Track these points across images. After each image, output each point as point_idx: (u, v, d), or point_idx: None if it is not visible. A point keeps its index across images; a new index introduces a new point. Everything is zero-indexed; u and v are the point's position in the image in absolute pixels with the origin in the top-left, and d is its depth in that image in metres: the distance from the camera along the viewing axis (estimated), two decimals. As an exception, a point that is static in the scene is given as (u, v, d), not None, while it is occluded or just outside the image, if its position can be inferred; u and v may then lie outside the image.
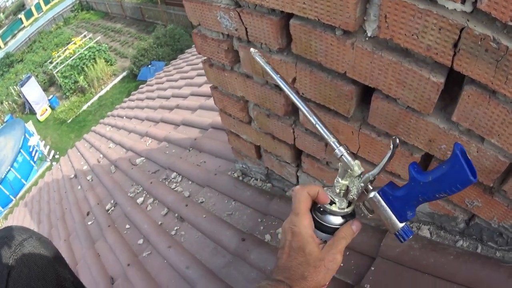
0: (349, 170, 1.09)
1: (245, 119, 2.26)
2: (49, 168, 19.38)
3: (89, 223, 4.54)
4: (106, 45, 28.89)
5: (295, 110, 1.94)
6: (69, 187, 6.35)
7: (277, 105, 1.95)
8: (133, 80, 23.99)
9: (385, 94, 1.44)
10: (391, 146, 1.01)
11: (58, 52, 30.39)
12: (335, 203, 1.16)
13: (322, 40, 1.44)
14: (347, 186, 1.13)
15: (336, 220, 1.16)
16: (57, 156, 21.95)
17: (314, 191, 1.20)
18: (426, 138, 1.46)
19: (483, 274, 1.59)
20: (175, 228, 3.06)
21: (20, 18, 55.82)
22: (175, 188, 3.53)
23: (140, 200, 3.84)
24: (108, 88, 26.14)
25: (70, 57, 27.53)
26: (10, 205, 21.03)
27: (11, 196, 21.46)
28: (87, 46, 27.72)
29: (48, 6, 56.72)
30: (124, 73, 26.33)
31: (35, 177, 21.74)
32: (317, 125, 1.15)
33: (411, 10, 1.12)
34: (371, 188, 1.09)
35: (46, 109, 27.27)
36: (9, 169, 21.23)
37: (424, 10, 1.09)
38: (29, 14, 56.15)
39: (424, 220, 1.89)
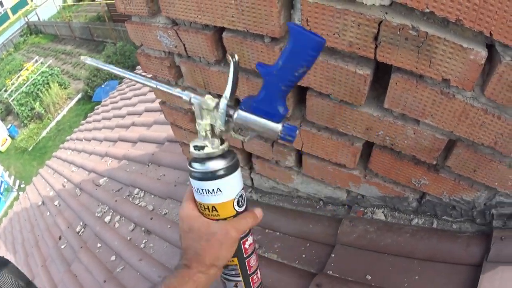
0: (204, 107, 1.07)
1: (194, 129, 2.30)
2: (16, 198, 19.09)
3: (62, 246, 4.56)
4: (58, 69, 28.52)
5: None
6: (39, 214, 6.34)
7: None
8: (89, 101, 23.78)
9: (317, 91, 1.51)
10: (231, 61, 1.03)
11: (11, 80, 29.82)
12: (207, 146, 1.11)
13: (253, 48, 1.52)
14: (210, 125, 1.10)
15: (218, 163, 1.11)
16: (22, 186, 21.56)
17: None
18: (363, 127, 1.54)
19: (441, 246, 1.67)
20: (144, 241, 3.12)
21: (-33, 46, 54.38)
22: (139, 203, 3.59)
23: (107, 218, 3.89)
24: (64, 112, 25.79)
25: (24, 84, 27.04)
26: (-19, 239, 20.68)
27: (-19, 230, 21.10)
28: (39, 71, 27.29)
29: (-4, 31, 55.43)
30: (79, 96, 26.05)
31: (4, 208, 21.36)
32: (158, 87, 1.15)
33: (330, 11, 1.19)
34: (233, 111, 1.07)
35: (6, 139, 26.78)
36: (-24, 203, 20.91)
37: (342, 10, 1.16)
38: (-23, 41, 54.65)
39: (378, 204, 1.96)
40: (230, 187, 1.14)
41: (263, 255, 2.16)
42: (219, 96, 1.86)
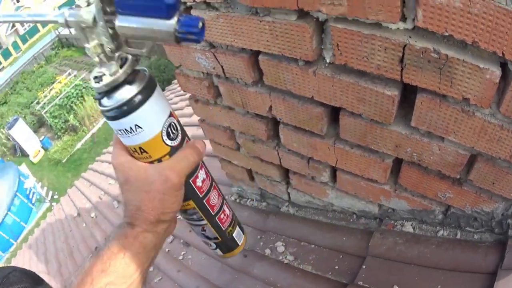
0: (83, 26, 0.87)
1: (234, 146, 2.39)
2: (49, 209, 19.14)
3: None
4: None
5: (276, 134, 2.06)
6: (74, 226, 6.41)
7: (259, 131, 2.08)
8: (125, 114, 23.74)
9: (350, 111, 1.57)
10: None
11: (44, 92, 30.13)
12: (104, 74, 0.92)
13: (288, 71, 1.58)
14: (100, 45, 0.91)
15: (123, 92, 0.93)
16: (56, 197, 21.73)
17: None
18: (392, 144, 1.59)
19: (463, 257, 1.72)
20: (182, 253, 3.17)
21: (-3, 58, 54.85)
22: (178, 216, 3.62)
23: None
24: (100, 125, 25.93)
25: (57, 97, 27.36)
26: (11, 249, 20.70)
27: (11, 240, 21.20)
28: (73, 84, 27.54)
29: (26, 44, 55.68)
30: None
31: (35, 219, 21.51)
32: (31, 19, 0.95)
33: (358, 37, 1.25)
34: (114, 18, 0.86)
35: (39, 151, 27.00)
36: (7, 213, 21.04)
37: (369, 35, 1.22)
38: (6, 54, 54.64)
39: (407, 217, 2.00)
40: (150, 119, 0.97)
41: (298, 267, 2.22)
42: (257, 115, 1.97)
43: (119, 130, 0.97)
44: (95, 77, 0.94)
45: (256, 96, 1.87)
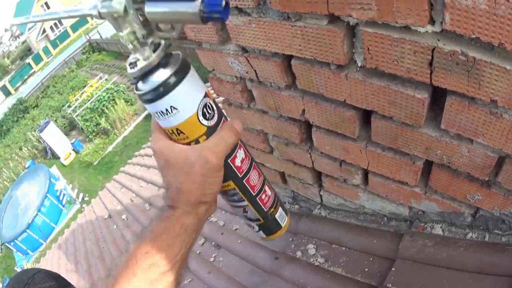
0: (115, 16, 0.91)
1: (267, 149, 2.43)
2: (79, 211, 19.33)
3: None
4: (124, 85, 28.85)
5: (309, 137, 2.09)
6: (105, 227, 6.49)
7: (293, 135, 2.11)
8: (156, 117, 23.72)
9: (381, 114, 1.59)
10: None
11: (75, 96, 30.37)
12: (138, 59, 0.96)
13: (321, 75, 1.61)
14: (133, 33, 0.95)
15: (158, 75, 0.96)
16: (86, 199, 21.78)
17: None
18: (423, 147, 1.59)
19: (491, 259, 1.71)
20: (213, 255, 3.22)
21: (29, 63, 55.56)
22: (210, 219, 3.64)
23: None
24: (131, 128, 25.89)
25: (89, 100, 27.55)
26: (41, 248, 20.94)
27: (40, 240, 21.43)
28: (104, 88, 27.67)
29: (57, 49, 56.45)
30: (146, 112, 25.84)
31: (65, 220, 21.66)
32: (67, 15, 1.00)
33: (388, 40, 1.27)
34: (143, 5, 0.91)
35: (70, 153, 27.24)
36: (36, 214, 21.20)
37: (399, 39, 1.24)
38: (37, 59, 55.73)
39: (436, 219, 2.00)
40: (185, 100, 0.99)
41: (328, 269, 2.24)
42: (290, 118, 2.00)
43: (156, 112, 1.00)
44: (130, 63, 0.98)
45: (289, 99, 1.90)
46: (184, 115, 0.99)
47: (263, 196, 1.25)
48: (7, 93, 55.63)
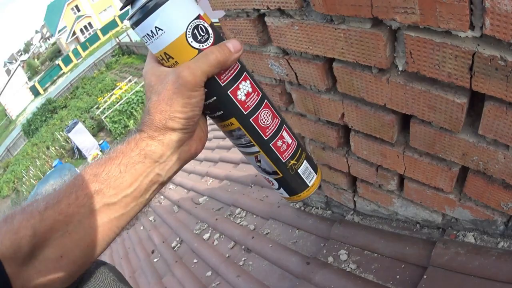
0: None
1: None
2: (105, 212, 19.61)
3: (155, 260, 4.72)
4: (153, 88, 28.87)
5: (347, 141, 2.11)
6: (131, 228, 6.55)
7: (330, 139, 2.13)
8: (185, 121, 23.75)
9: (420, 119, 1.60)
10: None
11: (104, 98, 30.79)
12: None
13: (362, 78, 1.64)
14: None
15: None
16: (113, 200, 22.19)
17: None
18: (460, 152, 1.60)
19: None
20: (243, 259, 3.24)
21: (58, 64, 56.85)
22: (240, 222, 3.71)
23: (206, 236, 4.05)
24: (159, 131, 26.09)
25: (117, 102, 27.84)
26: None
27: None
28: (133, 91, 27.86)
29: (87, 51, 57.37)
30: None
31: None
32: None
33: (430, 45, 1.29)
34: None
35: (97, 154, 27.46)
36: (61, 213, 21.45)
37: (441, 43, 1.26)
38: (67, 60, 56.83)
39: (469, 228, 2.00)
40: (172, 19, 0.93)
41: (360, 275, 2.26)
42: (328, 122, 2.03)
43: (143, 37, 0.96)
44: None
45: (329, 103, 1.93)
46: (171, 37, 0.94)
47: (279, 143, 1.13)
48: (36, 93, 56.60)
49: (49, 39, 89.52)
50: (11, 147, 43.32)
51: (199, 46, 0.96)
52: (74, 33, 69.22)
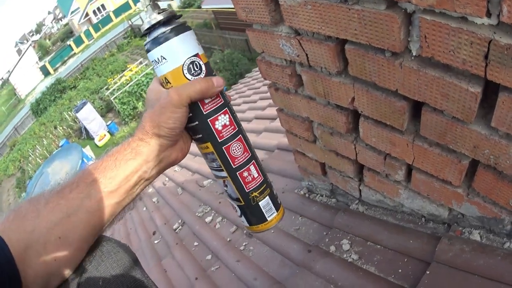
0: None
1: (310, 138, 2.43)
2: (109, 191, 19.80)
3: (156, 241, 4.73)
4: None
5: (355, 127, 2.09)
6: (134, 209, 6.59)
7: (339, 124, 2.10)
8: (194, 105, 23.96)
9: (432, 107, 1.57)
10: None
11: (114, 79, 31.03)
12: (147, 18, 1.19)
13: (374, 61, 1.61)
14: None
15: (158, 30, 1.17)
16: (118, 180, 22.39)
17: None
18: (471, 145, 1.57)
19: None
20: (244, 244, 3.25)
21: (70, 45, 57.34)
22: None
23: (208, 219, 4.05)
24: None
25: (127, 84, 28.05)
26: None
27: (67, 218, 21.94)
28: (144, 73, 28.09)
29: (99, 33, 57.89)
30: None
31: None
32: None
33: (446, 29, 1.26)
34: None
35: (105, 135, 27.86)
36: (66, 192, 21.68)
37: (457, 28, 1.23)
38: (79, 41, 57.33)
39: (475, 225, 1.96)
40: (174, 53, 1.17)
41: (361, 267, 2.24)
42: (338, 106, 2.01)
43: (153, 61, 1.20)
44: (142, 23, 1.21)
45: (339, 86, 1.90)
46: (171, 66, 1.17)
47: (245, 174, 1.31)
48: (47, 73, 56.90)
49: (61, 20, 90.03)
50: (18, 126, 43.54)
51: (191, 78, 1.19)
52: (87, 15, 69.52)
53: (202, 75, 1.21)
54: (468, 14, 1.17)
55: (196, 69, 1.19)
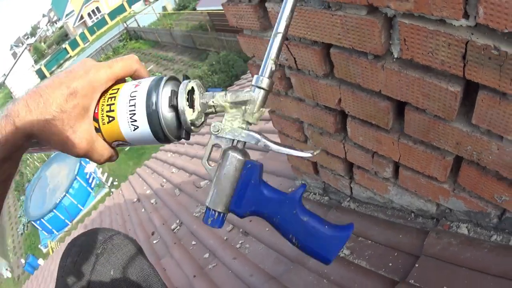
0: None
1: (301, 138, 2.47)
2: (108, 194, 19.72)
3: (155, 241, 4.80)
4: (160, 74, 28.88)
5: (344, 127, 2.13)
6: (132, 210, 6.63)
7: (328, 124, 2.15)
8: (191, 107, 23.94)
9: (415, 106, 1.62)
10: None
11: (111, 83, 31.00)
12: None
13: (358, 64, 1.66)
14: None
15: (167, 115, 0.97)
16: (115, 183, 22.47)
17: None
18: (453, 141, 1.61)
19: None
20: (240, 242, 3.30)
21: (65, 48, 56.98)
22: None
23: None
24: (166, 118, 26.23)
25: (123, 86, 27.94)
26: (66, 229, 21.54)
27: (66, 221, 22.03)
28: (141, 75, 28.04)
29: (94, 36, 57.64)
30: None
31: (92, 203, 22.23)
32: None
33: (423, 32, 1.31)
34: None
35: (103, 138, 27.85)
36: (64, 195, 21.70)
37: (434, 31, 1.28)
38: (74, 44, 57.12)
39: (462, 219, 2.00)
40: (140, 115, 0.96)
41: (353, 261, 2.29)
42: (326, 107, 2.05)
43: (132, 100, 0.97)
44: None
45: (326, 88, 1.95)
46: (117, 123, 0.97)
47: None
48: (43, 76, 56.73)
49: (56, 23, 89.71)
50: (15, 129, 43.22)
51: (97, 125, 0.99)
52: (81, 17, 69.25)
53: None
54: (445, 17, 1.22)
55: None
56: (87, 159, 1.01)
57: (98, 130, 0.99)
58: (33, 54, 74.49)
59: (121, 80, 1.06)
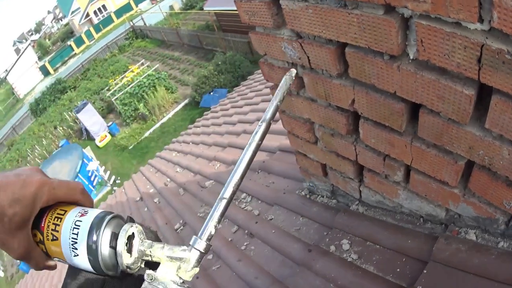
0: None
1: (312, 139, 2.47)
2: (109, 192, 19.73)
3: None
4: (166, 73, 29.28)
5: (356, 128, 2.13)
6: (135, 209, 6.65)
7: (339, 125, 2.15)
8: (196, 107, 24.26)
9: (429, 108, 1.62)
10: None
11: (115, 80, 30.95)
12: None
13: (373, 64, 1.67)
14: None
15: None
16: (118, 181, 22.55)
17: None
18: (466, 145, 1.61)
19: None
20: (245, 243, 3.29)
21: (70, 45, 57.09)
22: (245, 207, 3.75)
23: None
24: (170, 115, 26.39)
25: (129, 85, 28.00)
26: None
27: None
28: (145, 74, 28.02)
29: (100, 34, 57.73)
30: (186, 101, 26.61)
31: (94, 201, 22.18)
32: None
33: (440, 34, 1.31)
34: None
35: (106, 136, 27.90)
36: (65, 192, 21.74)
37: (451, 33, 1.28)
38: (79, 42, 57.18)
39: (471, 225, 2.00)
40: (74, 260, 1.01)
41: (360, 266, 2.29)
42: (338, 108, 2.05)
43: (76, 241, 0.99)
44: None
45: (340, 88, 1.95)
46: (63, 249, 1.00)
47: None
48: (46, 73, 56.84)
49: (61, 20, 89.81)
50: (16, 126, 43.26)
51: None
52: (87, 15, 69.28)
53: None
54: (462, 20, 1.23)
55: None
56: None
57: (41, 242, 1.02)
58: (37, 50, 74.49)
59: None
